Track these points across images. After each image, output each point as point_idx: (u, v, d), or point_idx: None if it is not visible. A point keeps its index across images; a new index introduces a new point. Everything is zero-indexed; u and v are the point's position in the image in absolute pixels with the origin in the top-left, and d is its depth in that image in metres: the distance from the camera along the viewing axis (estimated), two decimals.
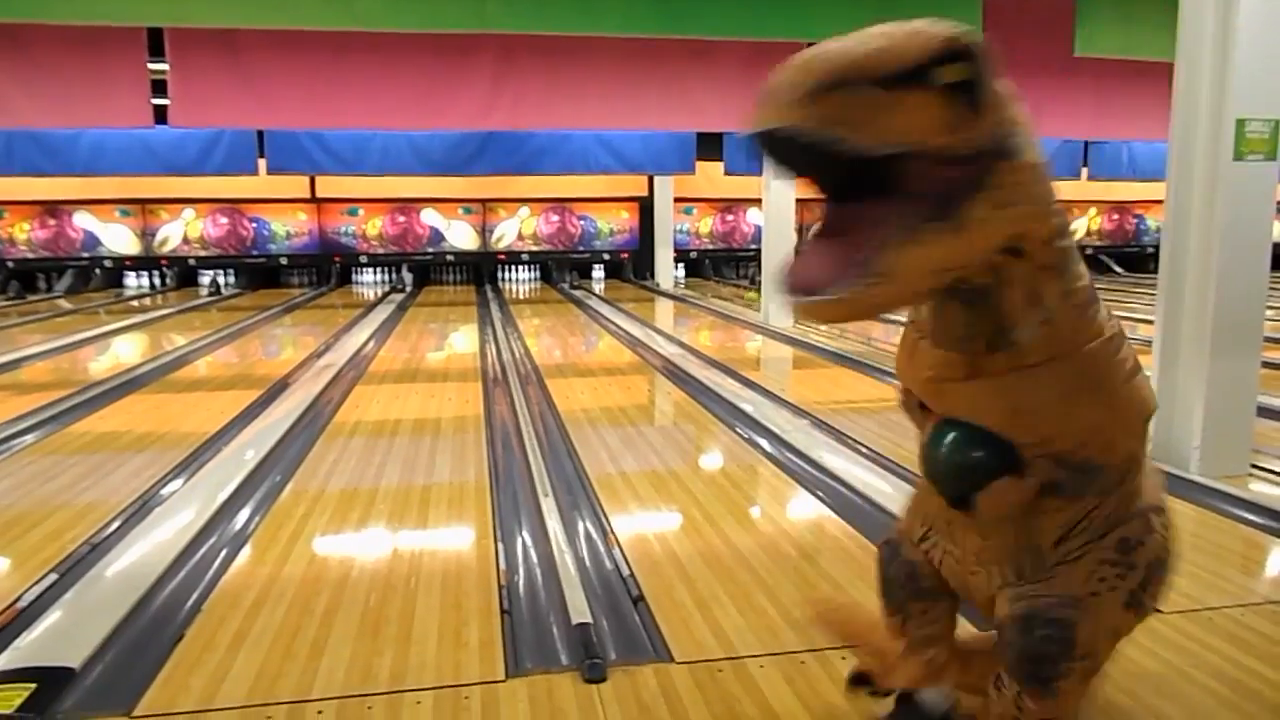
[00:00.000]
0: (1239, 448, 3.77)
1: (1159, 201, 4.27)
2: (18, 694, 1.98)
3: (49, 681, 2.05)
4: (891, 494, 3.49)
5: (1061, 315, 1.44)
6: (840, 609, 2.15)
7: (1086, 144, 12.12)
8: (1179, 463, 3.76)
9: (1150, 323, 4.09)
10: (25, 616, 2.44)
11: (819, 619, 2.11)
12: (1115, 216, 17.37)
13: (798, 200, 9.20)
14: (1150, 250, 17.23)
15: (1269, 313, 4.54)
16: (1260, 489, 3.60)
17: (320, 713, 1.96)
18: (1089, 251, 17.54)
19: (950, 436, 1.53)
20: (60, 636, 2.32)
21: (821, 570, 2.77)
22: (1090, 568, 1.54)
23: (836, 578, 2.71)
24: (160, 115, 6.20)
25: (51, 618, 2.44)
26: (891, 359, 1.74)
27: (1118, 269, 17.16)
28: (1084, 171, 12.53)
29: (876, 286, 1.28)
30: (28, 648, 2.25)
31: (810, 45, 1.25)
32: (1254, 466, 3.80)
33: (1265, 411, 4.23)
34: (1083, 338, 1.46)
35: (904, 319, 1.63)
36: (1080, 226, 17.44)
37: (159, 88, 6.07)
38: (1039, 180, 1.38)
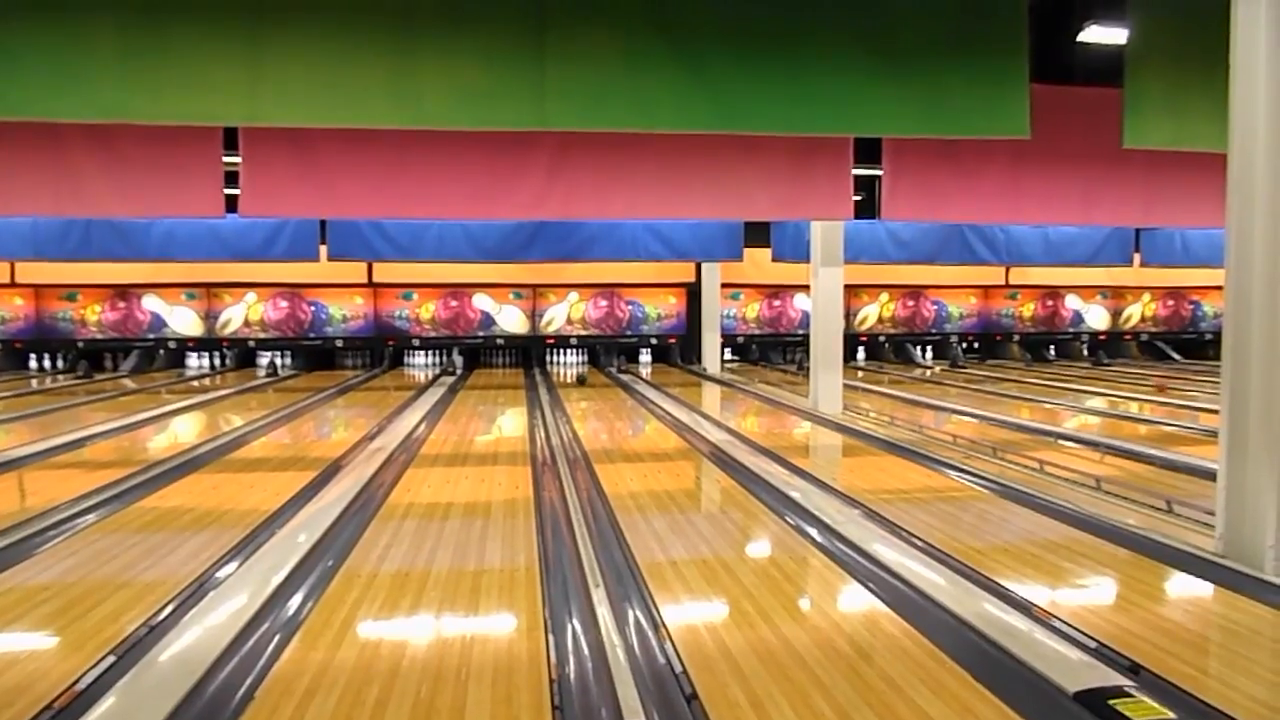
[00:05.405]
0: None
1: (1215, 287, 4.20)
2: None
3: None
4: (947, 588, 3.41)
5: None
6: None
7: (1138, 230, 12.04)
8: (1253, 562, 3.62)
9: (1213, 412, 4.00)
10: (84, 699, 2.47)
11: None
12: (1170, 302, 17.12)
13: (846, 287, 9.22)
14: (1208, 336, 16.90)
15: None
16: None
17: None
18: (1144, 338, 17.26)
19: None
20: None
21: (878, 669, 2.70)
22: None
23: (894, 677, 2.63)
24: (230, 204, 6.49)
25: (109, 701, 2.46)
26: (942, 446, 1.72)
27: (1175, 356, 16.82)
28: (1136, 258, 12.41)
29: None
30: None
31: (856, 139, 1.27)
32: None
33: None
34: None
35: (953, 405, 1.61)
36: (1134, 313, 17.19)
37: (230, 177, 6.36)
38: None
